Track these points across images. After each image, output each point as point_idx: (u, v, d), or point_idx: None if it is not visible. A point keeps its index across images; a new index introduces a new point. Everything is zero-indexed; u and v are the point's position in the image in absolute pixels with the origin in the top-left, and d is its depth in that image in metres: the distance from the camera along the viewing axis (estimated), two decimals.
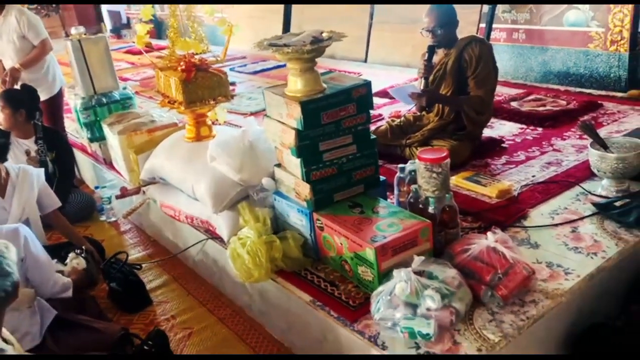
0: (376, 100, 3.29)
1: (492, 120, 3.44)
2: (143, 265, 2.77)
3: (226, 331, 2.28)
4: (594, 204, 2.28)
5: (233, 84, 5.09)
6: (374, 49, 5.70)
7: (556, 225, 2.20)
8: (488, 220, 2.28)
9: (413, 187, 2.07)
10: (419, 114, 3.15)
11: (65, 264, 2.49)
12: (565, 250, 2.03)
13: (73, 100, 3.72)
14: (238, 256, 2.10)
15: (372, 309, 1.75)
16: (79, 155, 3.94)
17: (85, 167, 3.98)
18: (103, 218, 3.43)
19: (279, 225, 2.30)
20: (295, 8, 6.52)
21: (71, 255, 2.52)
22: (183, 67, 2.40)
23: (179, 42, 2.45)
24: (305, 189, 2.07)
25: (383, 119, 3.66)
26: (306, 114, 1.96)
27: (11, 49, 3.93)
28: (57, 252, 2.72)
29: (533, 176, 2.65)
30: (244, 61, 6.54)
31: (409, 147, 2.97)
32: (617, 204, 2.23)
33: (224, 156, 2.33)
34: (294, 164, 2.08)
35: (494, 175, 2.72)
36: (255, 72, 5.94)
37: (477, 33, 4.18)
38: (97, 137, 3.56)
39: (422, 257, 1.78)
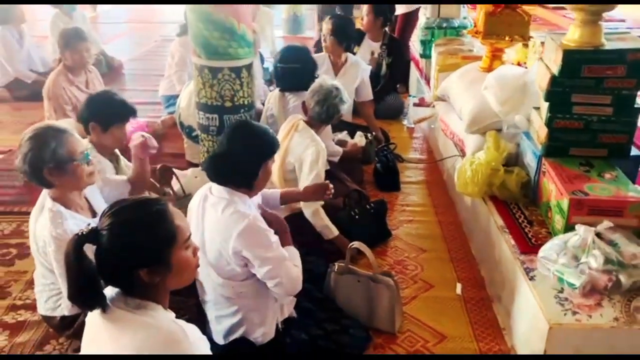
0: None
1: None
2: (404, 160, 3.31)
3: (437, 230, 2.68)
4: None
5: None
6: None
7: None
8: None
9: None
10: None
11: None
12: None
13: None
14: (464, 171, 2.41)
15: (542, 247, 1.90)
16: (412, 66, 4.61)
17: (413, 77, 4.63)
18: (404, 122, 4.07)
19: (518, 162, 2.48)
20: None
21: (358, 133, 3.22)
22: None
23: None
24: (543, 133, 2.20)
25: None
26: (566, 63, 2.05)
27: None
28: (356, 129, 3.49)
29: None
30: (620, 24, 6.05)
31: None
32: None
33: (496, 87, 2.58)
34: (544, 107, 2.22)
35: None
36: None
37: None
38: (428, 54, 4.11)
39: (611, 223, 1.80)
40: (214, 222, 1.71)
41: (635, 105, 2.10)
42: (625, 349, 1.65)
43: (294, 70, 3.02)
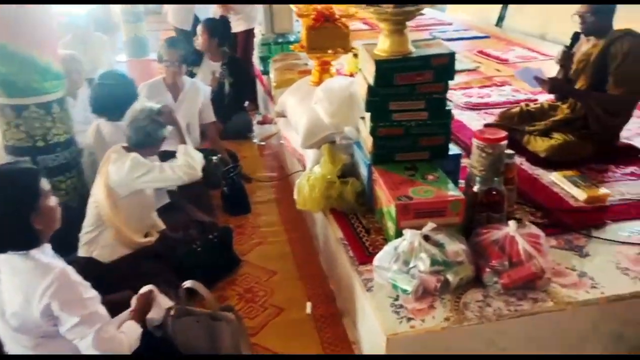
0: None
1: None
2: (253, 180, 3.25)
3: (288, 249, 2.64)
4: None
5: None
6: None
7: (623, 243, 2.01)
8: (556, 220, 2.18)
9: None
10: (558, 103, 2.97)
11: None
12: (612, 267, 1.89)
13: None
14: (302, 187, 2.39)
15: (376, 256, 1.92)
16: (258, 84, 4.58)
17: (260, 94, 4.61)
18: (255, 140, 4.02)
19: (354, 173, 2.52)
20: None
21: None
22: (314, 15, 2.71)
23: None
24: (370, 142, 2.24)
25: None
26: (379, 73, 2.11)
27: None
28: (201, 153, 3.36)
29: None
30: (448, 27, 6.53)
31: (529, 135, 2.85)
32: None
33: (324, 100, 2.60)
34: (367, 116, 2.27)
35: (604, 182, 2.50)
36: (451, 39, 5.91)
37: None
38: (267, 71, 4.11)
39: (434, 224, 1.86)
40: (10, 283, 1.51)
41: (447, 107, 2.21)
42: (459, 349, 1.70)
43: (109, 94, 2.80)
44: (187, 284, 1.83)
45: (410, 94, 2.15)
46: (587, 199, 2.29)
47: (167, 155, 2.52)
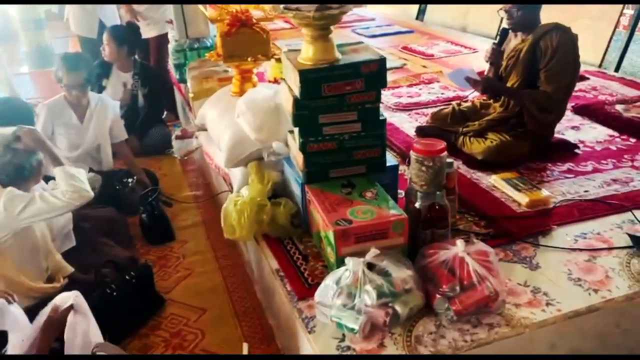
0: None
1: (582, 122, 3.08)
2: (174, 202, 2.96)
3: (219, 281, 2.39)
4: (630, 236, 1.95)
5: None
6: None
7: (573, 249, 1.93)
8: (501, 229, 2.07)
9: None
10: (490, 101, 2.89)
11: None
12: (564, 279, 1.79)
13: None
14: (229, 213, 2.15)
15: (317, 291, 1.72)
16: (177, 93, 4.26)
17: (179, 105, 4.29)
18: (176, 155, 3.71)
19: (286, 191, 2.30)
20: None
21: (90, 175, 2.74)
22: (228, 20, 2.46)
23: None
24: (300, 159, 2.04)
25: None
26: (305, 84, 1.91)
27: None
28: (115, 176, 3.04)
29: (586, 191, 2.32)
30: (370, 23, 6.44)
31: (463, 136, 2.75)
32: None
33: (248, 114, 2.37)
34: (296, 132, 2.06)
35: (544, 182, 2.43)
36: (374, 36, 5.81)
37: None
38: (184, 79, 3.80)
39: (377, 251, 1.69)
40: None
41: (381, 117, 2.04)
42: None
43: None
44: (97, 349, 1.55)
45: (340, 105, 1.96)
46: (529, 203, 2.20)
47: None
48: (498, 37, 2.63)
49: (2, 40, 5.64)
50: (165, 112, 4.34)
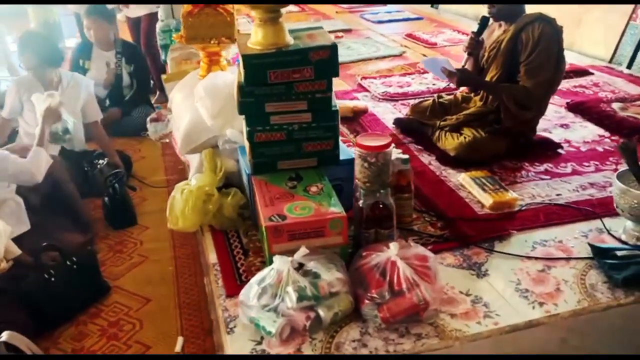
0: None
1: (574, 119, 2.91)
2: (137, 188, 2.90)
3: (171, 270, 2.32)
4: (592, 246, 1.81)
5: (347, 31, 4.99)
6: None
7: (528, 257, 1.80)
8: (457, 232, 1.95)
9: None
10: (471, 94, 2.74)
11: None
12: (511, 289, 1.66)
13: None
14: (174, 202, 2.08)
15: (242, 289, 1.63)
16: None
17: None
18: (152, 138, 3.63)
19: (241, 181, 2.22)
20: None
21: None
22: None
23: None
24: (248, 149, 1.95)
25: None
26: (249, 69, 1.81)
27: None
28: (86, 157, 2.99)
29: (558, 194, 2.18)
30: (381, 9, 6.27)
31: (440, 131, 2.61)
32: (619, 253, 1.74)
33: (206, 99, 2.27)
34: (242, 121, 1.96)
35: (516, 182, 2.29)
36: (381, 22, 5.66)
37: None
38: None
39: (307, 250, 1.59)
40: None
41: (333, 108, 1.93)
42: None
43: None
44: (4, 337, 1.50)
45: (288, 94, 1.86)
46: (492, 205, 2.08)
47: None
48: (478, 26, 2.47)
49: (11, 15, 5.62)
50: (157, 93, 4.29)
